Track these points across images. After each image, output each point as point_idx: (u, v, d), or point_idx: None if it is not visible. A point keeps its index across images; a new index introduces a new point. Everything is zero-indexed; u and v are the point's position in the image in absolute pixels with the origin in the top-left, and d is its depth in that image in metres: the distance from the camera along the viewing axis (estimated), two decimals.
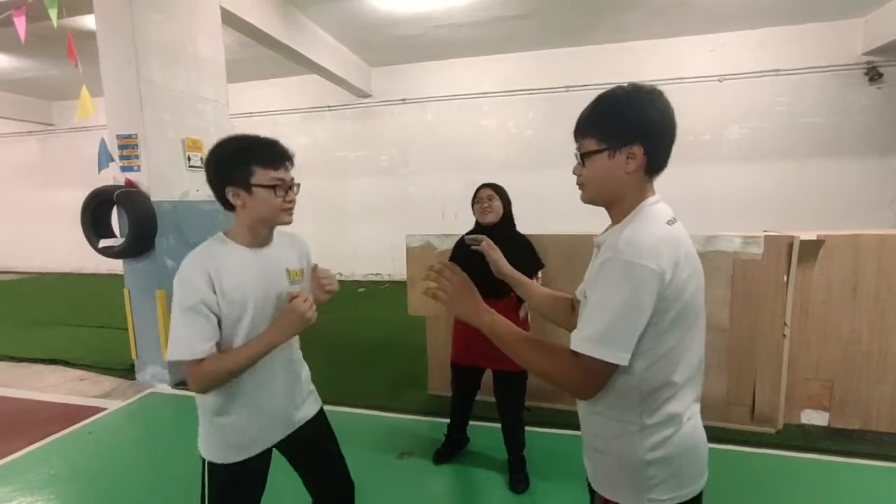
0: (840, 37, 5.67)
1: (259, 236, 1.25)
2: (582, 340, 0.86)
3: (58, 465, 2.55)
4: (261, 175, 1.18)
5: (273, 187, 1.18)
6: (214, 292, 1.15)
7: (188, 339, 1.12)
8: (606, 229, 1.01)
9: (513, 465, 2.28)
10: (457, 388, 2.39)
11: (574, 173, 0.99)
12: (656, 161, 0.93)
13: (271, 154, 1.20)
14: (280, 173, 1.20)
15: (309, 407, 1.40)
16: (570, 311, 1.18)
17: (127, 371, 3.78)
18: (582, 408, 1.02)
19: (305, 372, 1.43)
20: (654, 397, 0.90)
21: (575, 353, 0.86)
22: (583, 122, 0.96)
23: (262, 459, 1.31)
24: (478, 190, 2.22)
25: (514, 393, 2.24)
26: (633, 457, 0.92)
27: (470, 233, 2.26)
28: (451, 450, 2.48)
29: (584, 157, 0.96)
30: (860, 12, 5.41)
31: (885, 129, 5.76)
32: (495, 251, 1.34)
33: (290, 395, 1.33)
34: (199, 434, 1.27)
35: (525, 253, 2.20)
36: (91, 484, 2.38)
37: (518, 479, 2.23)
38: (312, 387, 1.45)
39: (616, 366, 0.85)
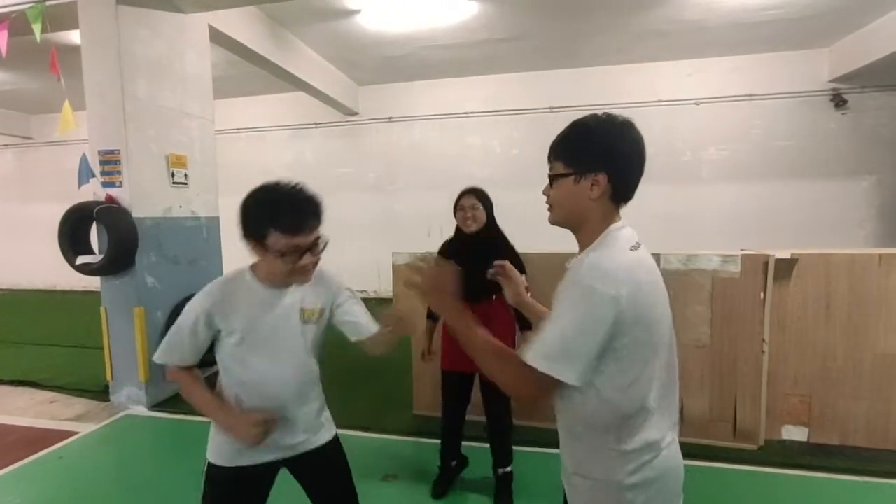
0: (808, 65, 5.97)
1: (277, 280, 1.25)
2: (533, 354, 0.89)
3: (25, 492, 2.43)
4: (276, 239, 1.14)
5: (283, 254, 1.15)
6: (216, 316, 1.23)
7: (168, 346, 1.25)
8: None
9: (498, 485, 2.25)
10: (447, 400, 2.32)
11: (543, 193, 1.03)
12: (622, 190, 0.95)
13: (294, 219, 1.15)
14: (297, 239, 1.15)
15: (320, 435, 1.38)
16: None
17: (101, 393, 3.64)
18: (562, 432, 1.03)
19: (319, 403, 1.39)
20: (629, 424, 0.92)
21: (525, 364, 0.89)
22: (555, 146, 1.00)
23: (260, 474, 1.30)
24: (459, 197, 2.18)
25: (500, 398, 2.20)
26: (612, 481, 0.93)
27: (451, 240, 2.25)
28: (450, 478, 2.38)
29: (552, 179, 1.00)
30: (825, 42, 5.71)
31: (852, 153, 6.03)
32: (513, 280, 1.27)
33: (293, 420, 1.30)
34: (210, 432, 1.32)
35: (510, 258, 2.18)
36: None
37: (503, 492, 2.21)
38: (327, 415, 1.42)
39: (561, 382, 0.87)
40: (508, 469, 2.26)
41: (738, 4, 4.60)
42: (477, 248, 2.05)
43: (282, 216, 1.14)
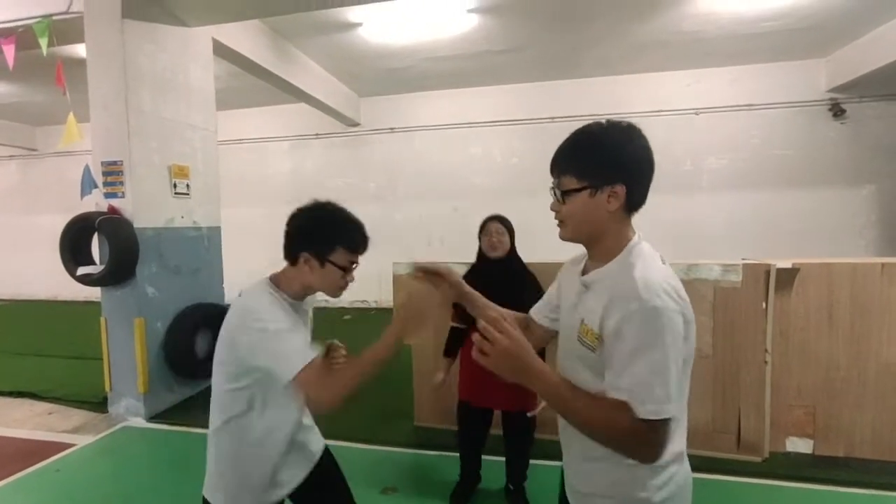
0: (806, 75, 6.01)
1: (307, 293, 1.29)
2: (638, 402, 0.81)
3: None
4: (340, 255, 1.21)
5: (345, 270, 1.22)
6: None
7: (295, 349, 1.11)
8: (585, 267, 1.00)
9: (513, 497, 2.25)
10: (466, 426, 2.31)
11: (552, 209, 0.98)
12: (637, 198, 0.92)
13: (358, 239, 1.24)
14: (356, 257, 1.25)
15: (321, 445, 1.42)
16: (524, 330, 1.16)
17: (99, 404, 3.62)
18: (574, 454, 1.00)
19: None
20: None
21: (636, 418, 0.81)
22: (561, 159, 0.95)
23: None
24: (486, 222, 2.21)
25: (525, 434, 2.21)
26: (639, 499, 0.90)
27: (474, 265, 2.26)
28: (469, 489, 2.36)
29: (563, 194, 0.94)
30: (823, 52, 5.76)
31: (851, 162, 6.05)
32: (440, 277, 1.23)
33: (312, 426, 1.38)
34: (211, 475, 1.24)
35: (532, 288, 2.14)
36: None
37: None
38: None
39: (670, 420, 0.83)
40: (524, 483, 2.27)
41: (736, 16, 4.65)
42: (499, 275, 2.09)
43: (353, 236, 1.23)
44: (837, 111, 5.93)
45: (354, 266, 1.25)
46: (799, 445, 2.72)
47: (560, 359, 1.05)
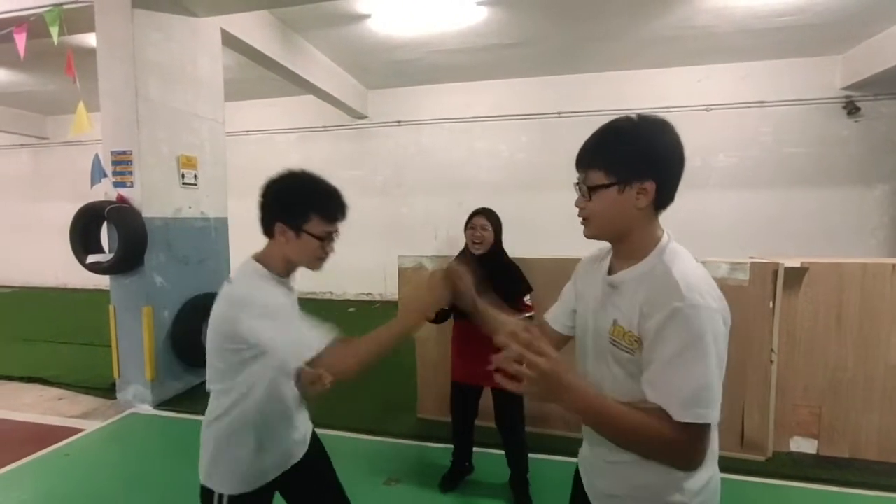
0: (820, 72, 5.91)
1: (290, 268, 1.26)
2: (680, 406, 0.78)
3: (31, 488, 2.45)
4: (315, 224, 1.17)
5: (321, 239, 1.18)
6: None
7: (304, 336, 1.08)
8: (610, 267, 0.96)
9: (516, 487, 2.27)
10: (456, 410, 2.36)
11: (577, 205, 0.94)
12: (666, 195, 0.89)
13: (333, 206, 1.19)
14: (333, 227, 1.20)
15: (310, 434, 1.40)
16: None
17: (107, 390, 3.68)
18: (597, 452, 0.97)
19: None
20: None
21: (678, 423, 0.78)
22: (588, 154, 0.91)
23: (271, 492, 1.30)
24: (471, 216, 2.21)
25: (513, 410, 2.23)
26: (676, 499, 0.87)
27: (458, 258, 2.27)
28: (458, 476, 2.42)
29: (590, 190, 0.90)
30: (838, 49, 5.65)
31: (864, 160, 5.95)
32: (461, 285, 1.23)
33: (301, 422, 1.34)
34: (205, 464, 1.24)
35: (512, 278, 2.19)
36: None
37: (522, 501, 2.22)
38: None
39: (712, 425, 0.80)
40: (525, 477, 2.28)
41: (749, 10, 4.57)
42: (482, 271, 2.09)
43: (327, 204, 1.18)
44: (852, 109, 5.83)
45: (333, 235, 1.21)
46: (803, 445, 2.71)
47: (585, 361, 1.02)
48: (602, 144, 0.90)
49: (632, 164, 0.86)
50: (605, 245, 1.01)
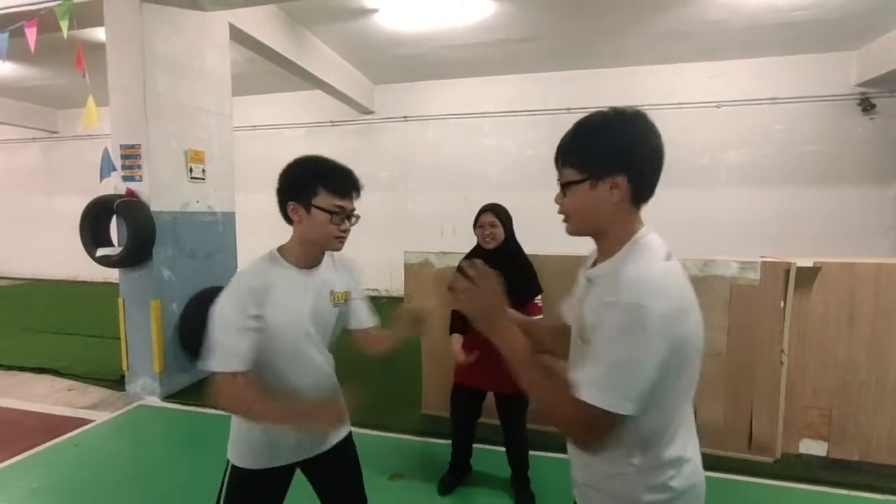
0: (834, 68, 5.80)
1: (310, 255, 1.27)
2: (584, 385, 0.80)
3: (41, 477, 2.49)
4: (323, 198, 1.18)
5: (331, 213, 1.19)
6: (256, 310, 1.15)
7: (224, 352, 1.14)
8: (594, 262, 0.97)
9: (517, 485, 2.26)
10: (457, 411, 2.32)
11: (556, 202, 0.95)
12: (642, 190, 0.87)
13: (340, 181, 1.21)
14: (343, 202, 1.21)
15: (340, 430, 1.40)
16: (559, 335, 1.13)
17: (116, 382, 3.72)
18: (572, 445, 0.98)
19: (340, 396, 1.38)
20: (654, 441, 0.86)
21: (579, 400, 0.80)
22: (561, 150, 0.92)
23: (285, 474, 1.32)
24: (479, 214, 2.18)
25: (517, 413, 2.22)
26: (630, 498, 0.88)
27: (470, 255, 2.25)
28: (457, 478, 2.39)
29: (564, 187, 0.91)
30: (853, 45, 5.54)
31: (879, 159, 5.84)
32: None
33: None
34: (230, 436, 1.31)
35: (525, 276, 2.16)
36: (74, 498, 2.32)
37: (523, 498, 2.22)
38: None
39: (618, 416, 0.79)
40: (527, 475, 2.27)
41: (763, 5, 4.49)
42: (495, 266, 2.07)
43: (331, 176, 1.20)
44: (867, 106, 5.72)
45: (346, 210, 1.21)
46: (812, 447, 2.68)
47: (574, 356, 1.02)
48: (574, 140, 0.90)
49: (601, 158, 0.86)
50: None
